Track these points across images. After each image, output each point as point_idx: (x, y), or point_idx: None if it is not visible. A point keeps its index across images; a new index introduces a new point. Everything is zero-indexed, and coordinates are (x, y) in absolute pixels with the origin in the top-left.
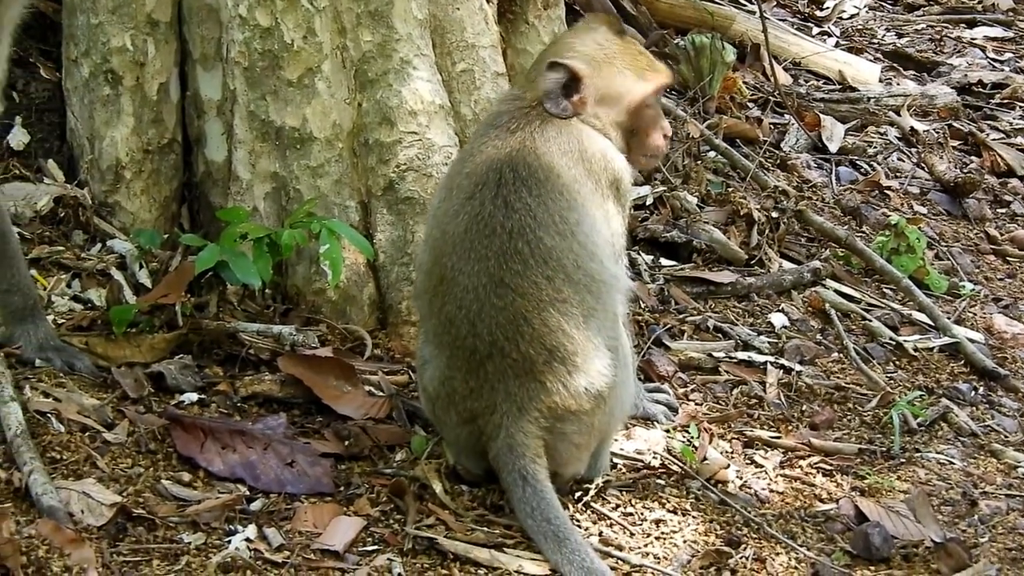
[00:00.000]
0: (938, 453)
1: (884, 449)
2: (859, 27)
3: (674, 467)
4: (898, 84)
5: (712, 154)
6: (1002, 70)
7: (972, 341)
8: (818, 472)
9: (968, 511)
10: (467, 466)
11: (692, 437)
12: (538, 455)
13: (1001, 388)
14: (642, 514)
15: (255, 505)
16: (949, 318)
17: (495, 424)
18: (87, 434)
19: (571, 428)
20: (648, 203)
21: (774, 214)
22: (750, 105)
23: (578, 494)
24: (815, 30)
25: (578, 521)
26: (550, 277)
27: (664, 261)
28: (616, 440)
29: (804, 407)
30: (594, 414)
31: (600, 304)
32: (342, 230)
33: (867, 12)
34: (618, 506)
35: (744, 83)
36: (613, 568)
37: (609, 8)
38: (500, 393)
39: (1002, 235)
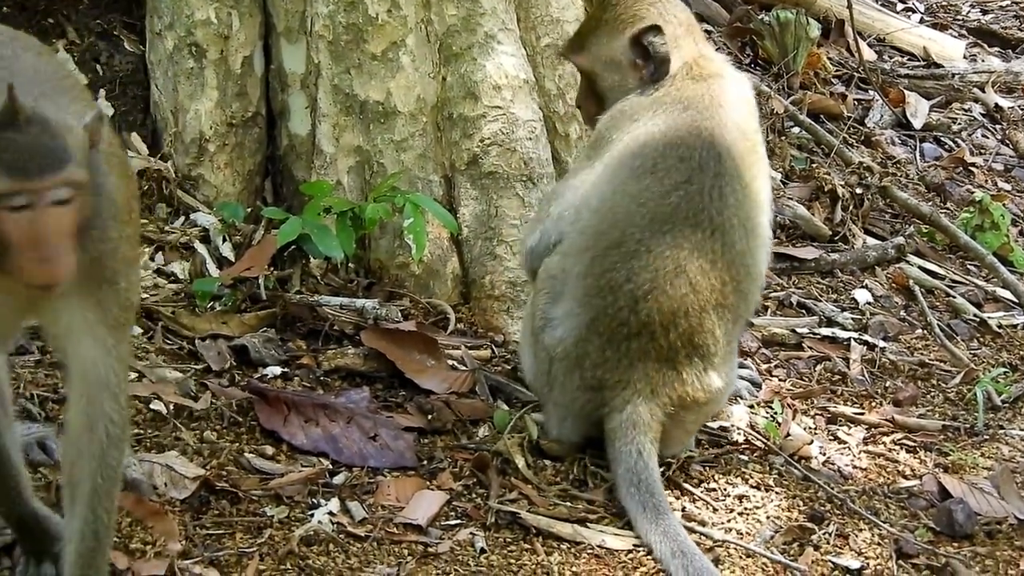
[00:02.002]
0: (1022, 430)
1: (968, 426)
2: (943, 3)
3: (757, 443)
4: (982, 60)
5: (796, 130)
6: None
7: None
8: (901, 448)
9: None
10: (563, 432)
11: (776, 413)
12: (657, 435)
13: None
14: (725, 490)
15: (338, 479)
16: None
17: (624, 399)
18: (170, 407)
19: (690, 417)
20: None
21: (858, 190)
22: (834, 81)
23: (662, 471)
24: (899, 6)
25: None
26: (726, 282)
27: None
28: None
29: (888, 383)
30: (713, 406)
31: (748, 310)
32: (426, 204)
33: None
34: (701, 482)
35: (828, 59)
36: (696, 544)
37: None
38: (638, 371)
39: None
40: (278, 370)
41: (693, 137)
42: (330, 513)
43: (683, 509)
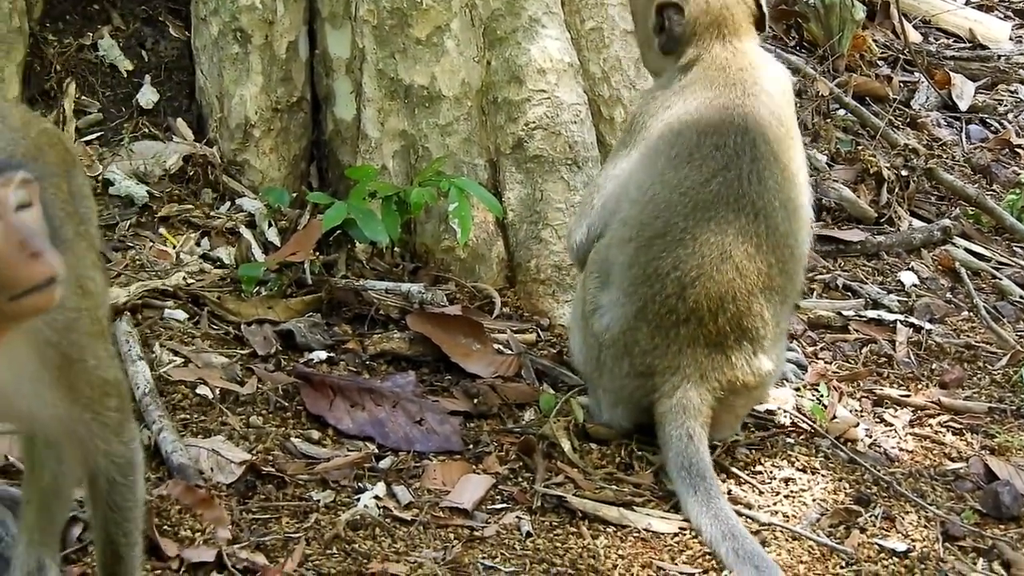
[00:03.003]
0: None
1: (1014, 408)
2: None
3: (804, 426)
4: None
5: (841, 112)
6: None
7: None
8: (948, 431)
9: None
10: (614, 419)
11: (822, 396)
12: (707, 420)
13: None
14: (771, 472)
15: (384, 463)
16: None
17: (673, 385)
18: (216, 392)
19: (740, 401)
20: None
21: (904, 172)
22: (880, 63)
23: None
24: None
25: None
26: (771, 264)
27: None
28: None
29: (934, 365)
30: (762, 389)
31: (795, 291)
32: (471, 188)
33: None
34: (748, 464)
35: (874, 41)
36: None
37: None
38: (687, 357)
39: None
40: (324, 355)
41: (727, 124)
42: (376, 497)
43: (729, 492)
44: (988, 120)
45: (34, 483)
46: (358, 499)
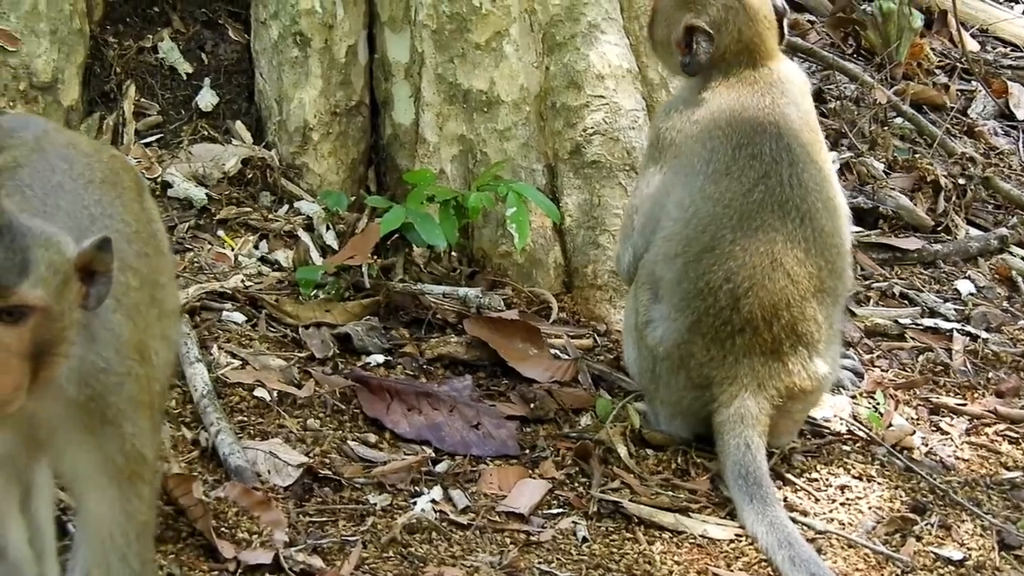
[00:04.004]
0: None
1: None
2: None
3: (860, 433)
4: None
5: (899, 120)
6: None
7: None
8: (1004, 439)
9: None
10: (673, 429)
11: (878, 403)
12: (765, 429)
13: None
14: (827, 480)
15: (440, 467)
16: None
17: (731, 394)
18: (274, 394)
19: (798, 407)
20: (835, 169)
21: (961, 181)
22: (937, 71)
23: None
24: None
25: None
26: (821, 267)
27: (851, 227)
28: None
29: (990, 374)
30: (819, 393)
31: (845, 288)
32: (529, 193)
33: None
34: (803, 472)
35: (931, 49)
36: None
37: None
38: (744, 367)
39: None
40: (381, 358)
41: (759, 133)
42: (433, 501)
43: (785, 499)
44: None
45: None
46: (415, 503)
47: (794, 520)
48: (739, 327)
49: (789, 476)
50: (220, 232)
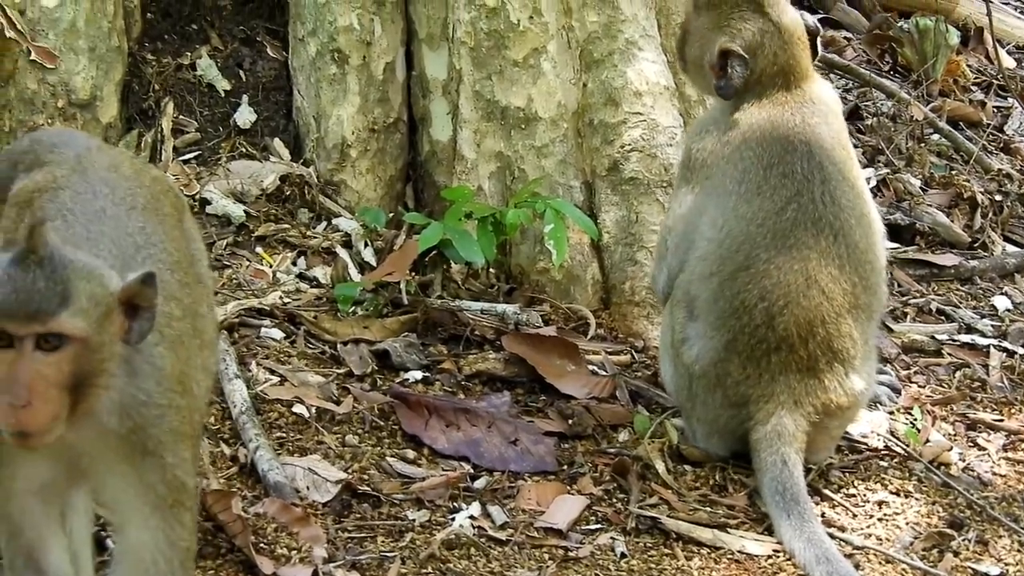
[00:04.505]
0: None
1: None
2: None
3: (897, 449)
4: None
5: (935, 137)
6: None
7: None
8: None
9: None
10: (710, 447)
11: (915, 419)
12: (802, 445)
13: None
14: (865, 496)
15: (479, 483)
16: None
17: (767, 412)
18: (312, 411)
19: (835, 423)
20: (872, 185)
21: (998, 197)
22: (973, 88)
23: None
24: None
25: None
26: (855, 283)
27: (887, 244)
28: None
29: None
30: (856, 409)
31: (880, 304)
32: (567, 210)
33: None
34: (841, 487)
35: (967, 66)
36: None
37: None
38: (780, 384)
39: None
40: (419, 374)
41: (791, 151)
42: (471, 517)
43: (823, 515)
44: None
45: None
46: (453, 519)
47: (832, 536)
48: (775, 345)
49: (827, 492)
50: (258, 249)
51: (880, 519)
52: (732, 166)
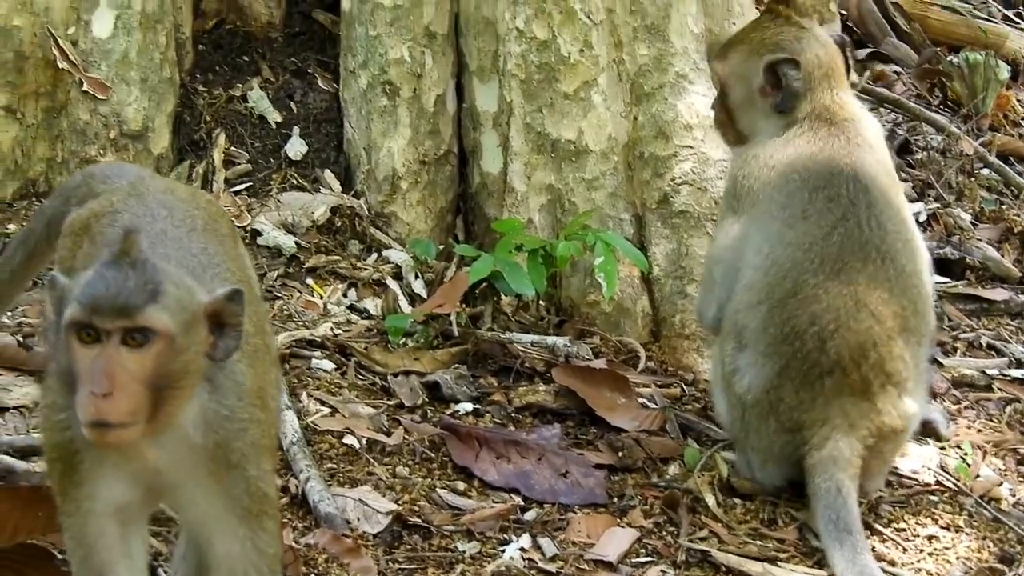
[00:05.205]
0: None
1: None
2: None
3: (948, 484)
4: None
5: (985, 171)
6: None
7: None
8: None
9: None
10: (765, 476)
11: (966, 454)
12: (856, 472)
13: None
14: (915, 530)
15: (529, 515)
16: None
17: (823, 436)
18: (363, 442)
19: (889, 447)
20: (921, 220)
21: None
22: (1023, 123)
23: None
24: None
25: None
26: (904, 306)
27: (937, 278)
28: None
29: None
30: (908, 433)
31: (929, 330)
32: (617, 243)
33: None
34: (891, 522)
35: (1017, 101)
36: None
37: (883, 25)
38: (834, 408)
39: None
40: (470, 406)
41: (836, 177)
42: (521, 549)
43: (873, 549)
44: None
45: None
46: (503, 550)
47: (883, 570)
48: (827, 369)
49: (877, 526)
50: (309, 280)
51: (930, 554)
52: (777, 191)
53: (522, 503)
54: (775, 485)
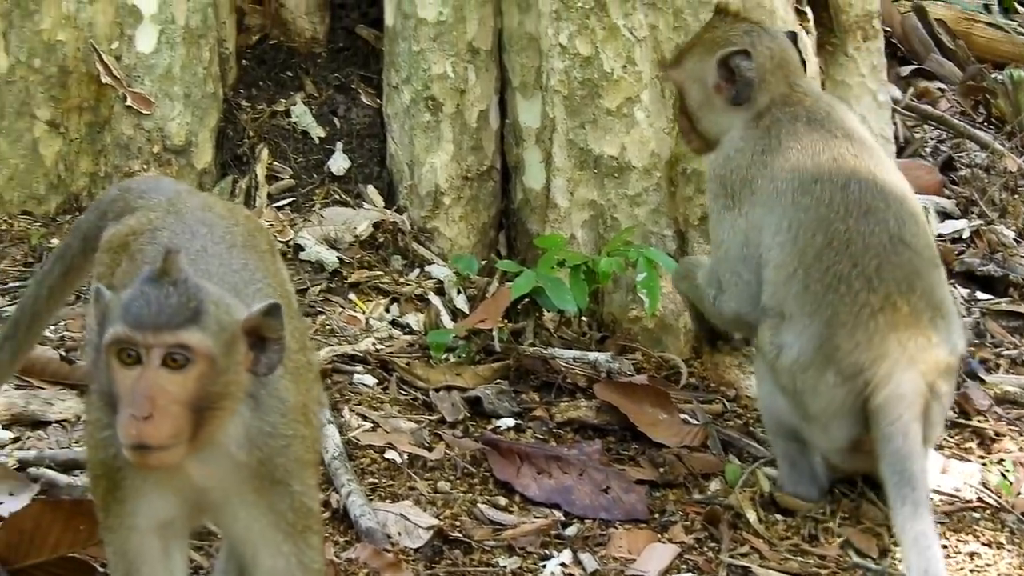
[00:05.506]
0: None
1: None
2: None
3: (989, 501)
4: None
5: None
6: None
7: None
8: None
9: None
10: (830, 440)
11: (1007, 471)
12: (920, 411)
13: None
14: (956, 547)
15: (570, 530)
16: None
17: (885, 373)
18: (404, 457)
19: (945, 388)
20: (965, 236)
21: None
22: None
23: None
24: None
25: (892, 553)
26: (931, 243)
27: (980, 295)
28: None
29: None
30: (955, 372)
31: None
32: (659, 259)
33: None
34: None
35: None
36: None
37: (927, 42)
38: (891, 343)
39: None
40: (511, 422)
41: (832, 140)
42: (562, 564)
43: None
44: None
45: None
46: (544, 566)
47: None
48: (878, 306)
49: None
50: (352, 295)
51: (972, 571)
52: (777, 170)
53: (563, 518)
54: (841, 448)
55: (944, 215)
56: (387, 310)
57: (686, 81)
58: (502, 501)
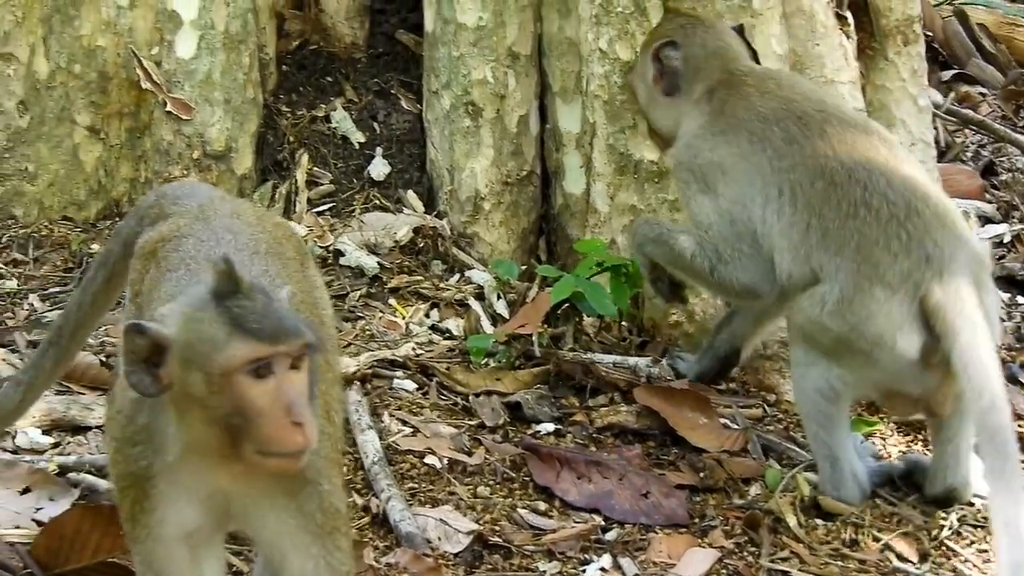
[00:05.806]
0: None
1: None
2: None
3: None
4: None
5: None
6: None
7: None
8: None
9: None
10: (898, 361)
11: None
12: (976, 306)
13: None
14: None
15: (610, 535)
16: None
17: (936, 270)
18: (444, 462)
19: (990, 296)
20: (1005, 241)
21: None
22: None
23: (934, 532)
24: None
25: (933, 558)
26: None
27: (1021, 299)
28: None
29: None
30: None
31: None
32: None
33: None
34: (973, 542)
35: None
36: None
37: (968, 47)
38: (929, 242)
39: None
40: (551, 427)
41: (793, 102)
42: (602, 569)
43: (954, 570)
44: None
45: None
46: (584, 571)
47: None
48: (904, 215)
49: (956, 548)
50: (391, 300)
51: None
52: (746, 143)
53: (603, 523)
54: (912, 358)
55: (985, 219)
56: (427, 315)
57: (634, 81)
58: (542, 506)
